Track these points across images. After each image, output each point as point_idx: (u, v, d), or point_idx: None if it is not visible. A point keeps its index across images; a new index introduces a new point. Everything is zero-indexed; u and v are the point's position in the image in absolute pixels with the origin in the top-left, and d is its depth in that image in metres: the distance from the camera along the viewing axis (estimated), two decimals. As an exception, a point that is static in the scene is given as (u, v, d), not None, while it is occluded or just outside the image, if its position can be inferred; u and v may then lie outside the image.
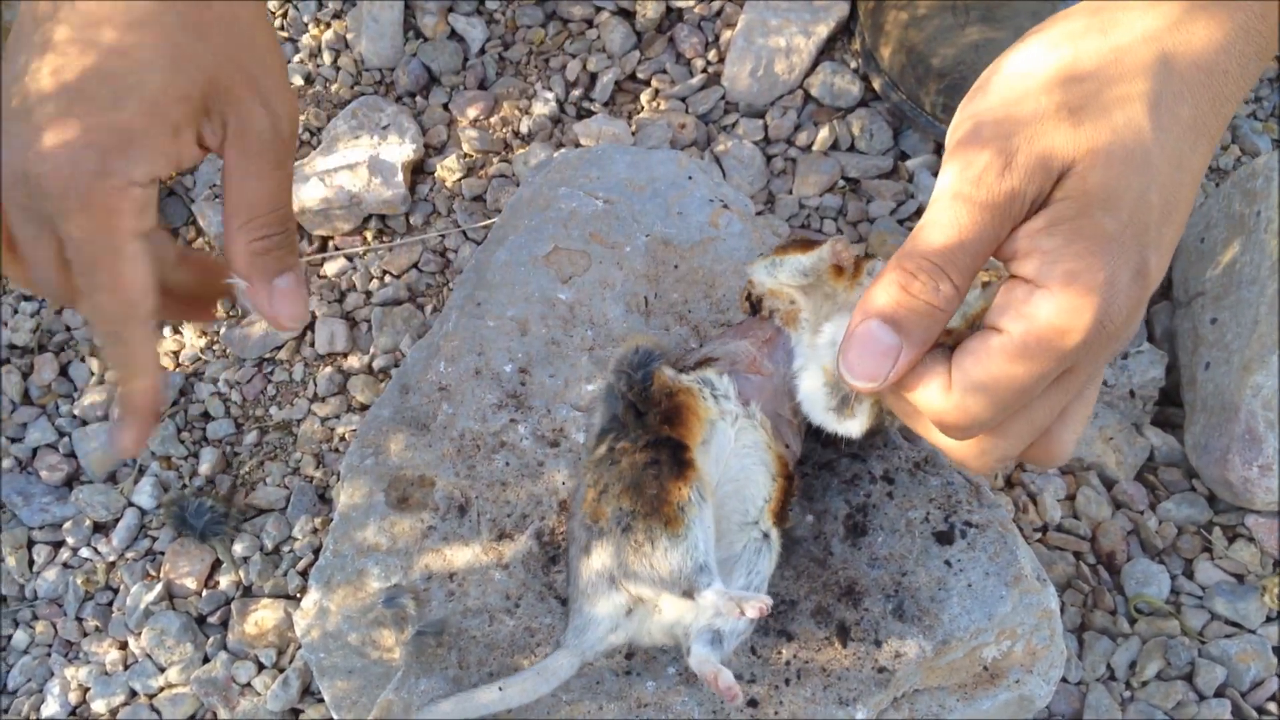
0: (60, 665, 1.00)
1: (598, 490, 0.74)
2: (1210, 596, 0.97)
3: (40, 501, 1.05)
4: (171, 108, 0.66)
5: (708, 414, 0.77)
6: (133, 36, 0.65)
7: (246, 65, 0.69)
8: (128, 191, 0.65)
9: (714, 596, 0.70)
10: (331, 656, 0.87)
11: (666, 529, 0.71)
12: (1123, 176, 0.59)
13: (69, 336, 1.13)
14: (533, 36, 1.24)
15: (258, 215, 0.70)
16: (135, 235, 0.66)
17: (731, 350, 0.80)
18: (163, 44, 0.66)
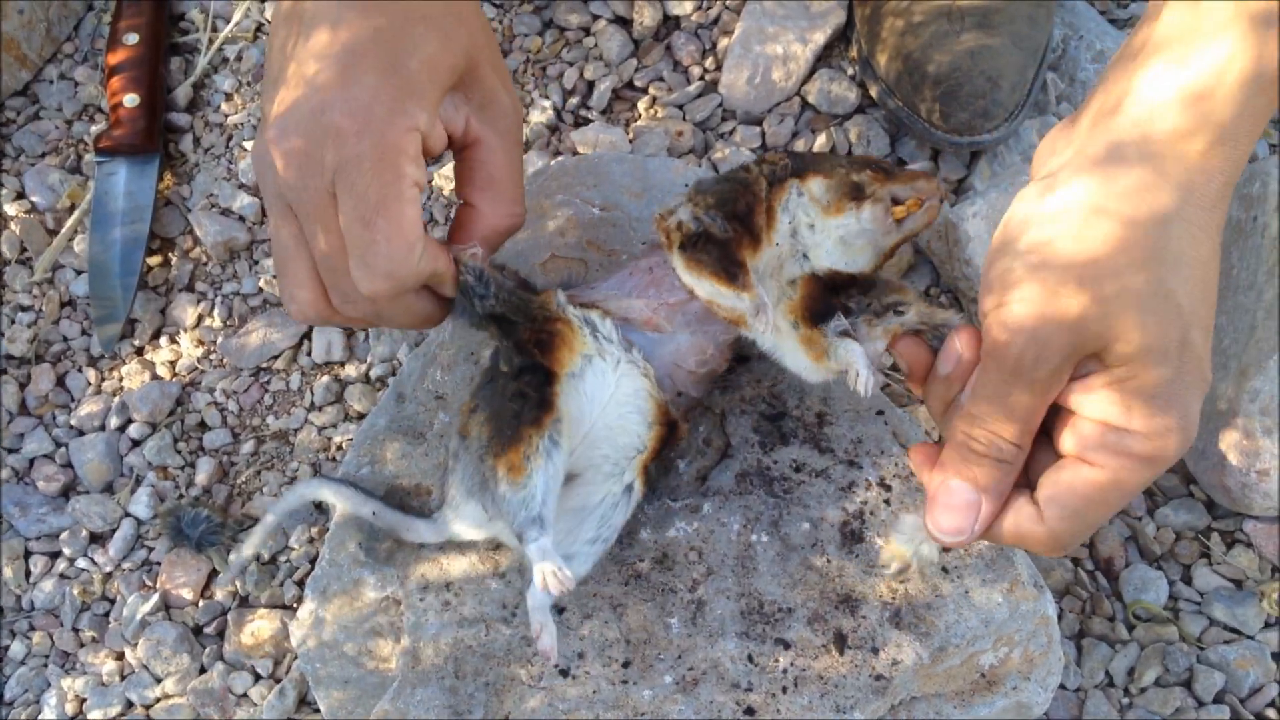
0: (57, 676, 1.00)
1: (472, 403, 0.79)
2: (1208, 602, 0.97)
3: (37, 512, 1.05)
4: (443, 72, 0.73)
5: (582, 348, 0.79)
6: (406, 19, 0.73)
7: (491, 54, 0.78)
8: (413, 135, 0.72)
9: (533, 553, 0.74)
10: (327, 666, 0.87)
11: (509, 474, 0.74)
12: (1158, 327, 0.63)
13: (66, 347, 1.13)
14: (530, 45, 1.25)
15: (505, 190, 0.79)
16: (414, 183, 0.72)
17: (626, 307, 0.81)
18: (433, 26, 0.73)
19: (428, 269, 0.74)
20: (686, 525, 0.85)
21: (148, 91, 1.19)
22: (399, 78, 0.71)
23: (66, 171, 1.21)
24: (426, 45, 0.73)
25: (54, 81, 1.26)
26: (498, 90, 0.78)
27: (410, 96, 0.71)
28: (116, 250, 1.13)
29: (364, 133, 0.70)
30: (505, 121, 0.78)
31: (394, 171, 0.70)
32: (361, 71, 0.71)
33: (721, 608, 0.82)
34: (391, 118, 0.70)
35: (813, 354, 0.80)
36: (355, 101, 0.70)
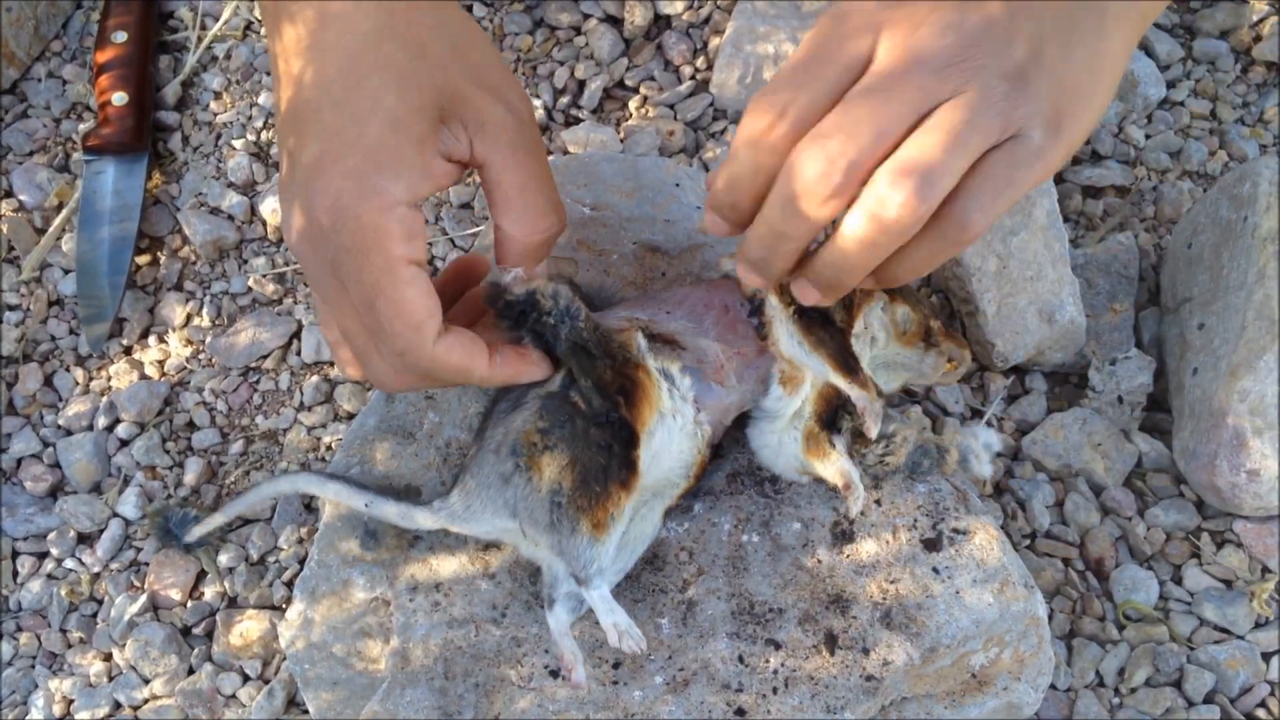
0: (44, 677, 0.99)
1: (543, 438, 0.75)
2: (1199, 602, 0.97)
3: (24, 512, 1.05)
4: (411, 122, 0.69)
5: (660, 405, 0.77)
6: (359, 72, 0.69)
7: (469, 66, 0.73)
8: (393, 211, 0.68)
9: (598, 602, 0.76)
10: (316, 668, 0.87)
11: (593, 530, 0.74)
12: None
13: (54, 346, 1.13)
14: (520, 44, 1.24)
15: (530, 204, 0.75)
16: (408, 261, 0.69)
17: (703, 349, 0.80)
18: (387, 71, 0.69)
19: (447, 359, 0.71)
20: (677, 525, 0.85)
21: (136, 90, 1.18)
22: (361, 152, 0.68)
23: (54, 170, 1.20)
24: (384, 99, 0.69)
25: (42, 79, 1.25)
26: (487, 107, 0.73)
27: (378, 170, 0.68)
28: (105, 249, 1.13)
29: (339, 226, 0.68)
30: (506, 135, 0.74)
31: (381, 257, 0.68)
32: (326, 155, 0.68)
33: (712, 608, 0.82)
34: (362, 202, 0.68)
35: (809, 451, 0.83)
36: (325, 194, 0.68)
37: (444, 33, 0.73)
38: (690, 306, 0.81)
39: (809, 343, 0.79)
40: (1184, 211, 1.13)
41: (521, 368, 0.76)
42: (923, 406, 1.04)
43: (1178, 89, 1.21)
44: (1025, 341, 1.03)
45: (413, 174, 0.69)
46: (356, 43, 0.70)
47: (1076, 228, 1.14)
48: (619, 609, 0.77)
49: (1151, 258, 1.12)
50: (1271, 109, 1.20)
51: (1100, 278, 1.10)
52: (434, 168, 0.71)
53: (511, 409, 0.77)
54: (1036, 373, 1.07)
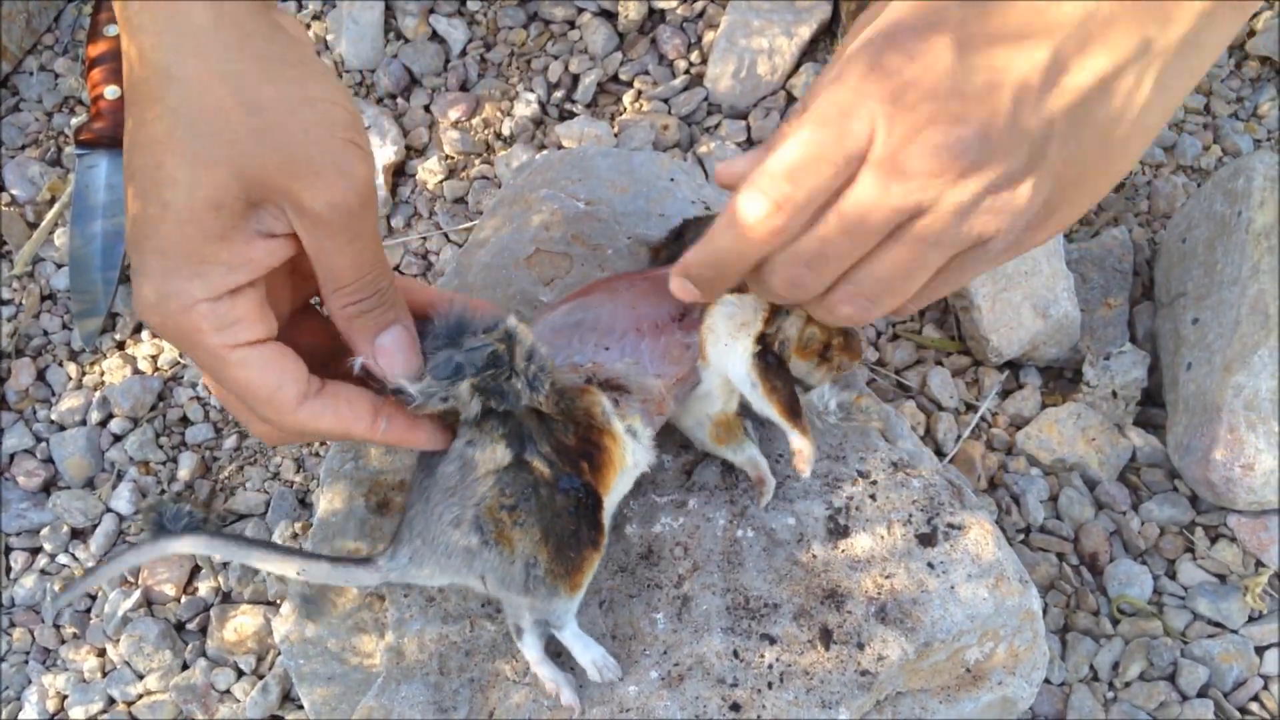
0: (38, 673, 0.99)
1: (510, 515, 0.72)
2: (1193, 597, 0.97)
3: (17, 507, 1.04)
4: (205, 218, 0.63)
5: (624, 465, 0.76)
6: (155, 160, 0.63)
7: (283, 145, 0.64)
8: (194, 309, 0.65)
9: (571, 640, 0.78)
10: (311, 663, 0.86)
11: (570, 591, 0.75)
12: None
13: (47, 341, 1.12)
14: (514, 38, 1.24)
15: (343, 285, 0.69)
16: (231, 347, 0.66)
17: (646, 388, 0.78)
18: (180, 158, 0.63)
19: (315, 425, 0.69)
20: (672, 520, 0.85)
21: (129, 84, 1.18)
22: (155, 254, 0.64)
23: (47, 164, 1.20)
24: (176, 194, 0.63)
25: (34, 73, 1.25)
26: (299, 190, 0.64)
27: (174, 273, 0.64)
28: (97, 244, 1.12)
29: (161, 327, 0.66)
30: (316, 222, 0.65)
31: (202, 351, 0.66)
32: (133, 250, 0.65)
33: (707, 603, 0.82)
34: (164, 304, 0.64)
35: (719, 438, 0.83)
36: (137, 295, 0.66)
37: (249, 109, 0.63)
38: (624, 334, 0.78)
39: (764, 388, 0.78)
40: (1178, 206, 1.13)
41: (410, 436, 0.72)
42: (916, 401, 1.04)
43: (1172, 84, 1.21)
44: (1020, 336, 1.03)
45: (213, 271, 0.64)
46: (158, 116, 0.63)
47: (1071, 222, 1.14)
48: (591, 642, 0.78)
49: (1146, 252, 1.12)
50: (1265, 104, 1.20)
51: (1094, 272, 1.10)
52: (247, 254, 0.65)
53: (459, 476, 0.73)
54: (1031, 367, 1.07)
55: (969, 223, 0.62)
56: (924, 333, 1.08)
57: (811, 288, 0.67)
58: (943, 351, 1.07)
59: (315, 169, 0.64)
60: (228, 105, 0.63)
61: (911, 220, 0.63)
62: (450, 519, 0.73)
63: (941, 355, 1.07)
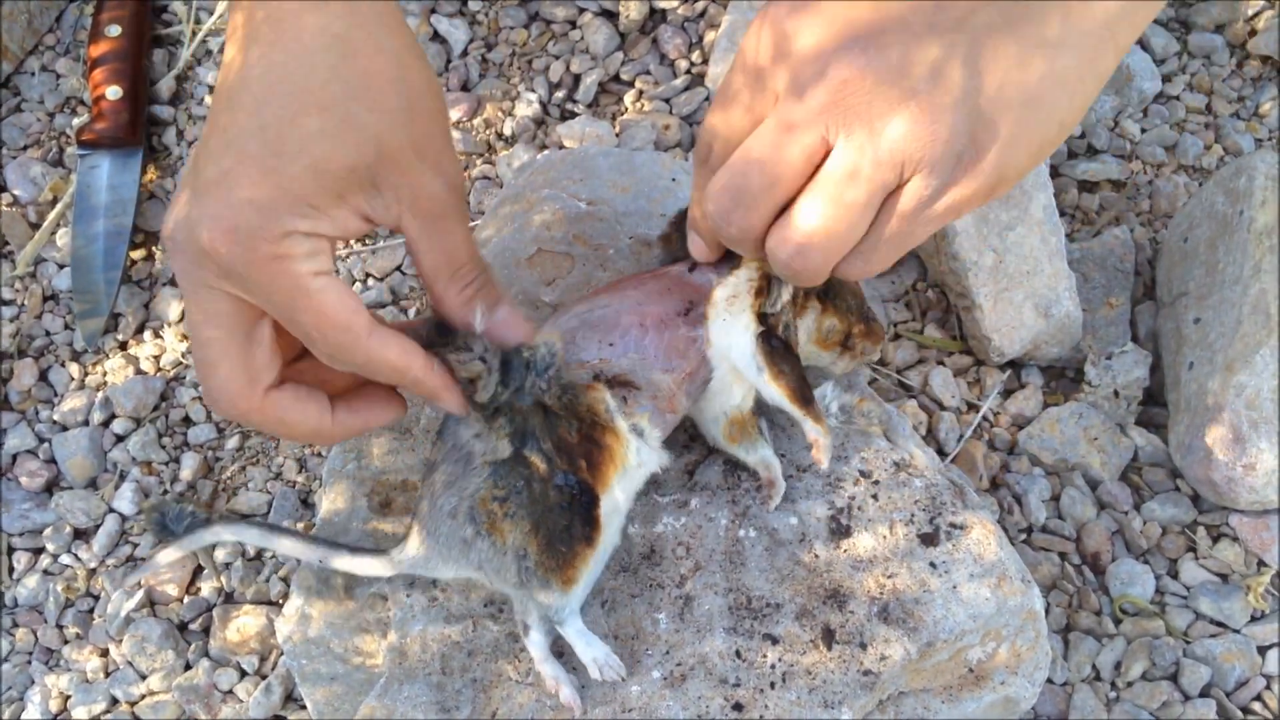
0: (41, 673, 0.99)
1: (500, 506, 0.74)
2: (1195, 596, 0.97)
3: (20, 508, 1.05)
4: (338, 176, 0.66)
5: (626, 463, 0.76)
6: (299, 108, 0.65)
7: (415, 131, 0.68)
8: (290, 238, 0.66)
9: (574, 636, 0.78)
10: (314, 663, 0.86)
11: (563, 586, 0.75)
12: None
13: (49, 341, 1.12)
14: (516, 38, 1.24)
15: (460, 265, 0.72)
16: (314, 274, 0.67)
17: (655, 384, 0.77)
18: (330, 115, 0.65)
19: (383, 354, 0.70)
20: (674, 520, 0.85)
21: (130, 84, 1.18)
22: (274, 188, 0.65)
23: (49, 164, 1.20)
24: (317, 146, 0.65)
25: (35, 74, 1.25)
26: (422, 173, 0.69)
27: (288, 208, 0.65)
28: (99, 244, 1.13)
29: (239, 246, 0.65)
30: (435, 205, 0.70)
31: (285, 278, 0.66)
32: (237, 176, 0.65)
33: (709, 603, 0.82)
34: (263, 229, 0.65)
35: (732, 437, 0.83)
36: (223, 216, 0.65)
37: (401, 88, 0.68)
38: (627, 330, 0.78)
39: (770, 372, 0.78)
40: (1180, 206, 1.13)
41: (447, 387, 0.74)
42: (918, 400, 1.04)
43: (1173, 83, 1.21)
44: (1021, 336, 1.03)
45: (320, 218, 0.67)
46: (305, 71, 0.66)
47: (1072, 222, 1.14)
48: (595, 640, 0.78)
49: (1147, 252, 1.12)
50: (1267, 103, 1.20)
51: (1096, 272, 1.10)
52: (346, 222, 0.68)
53: (460, 469, 0.75)
54: (1032, 367, 1.07)
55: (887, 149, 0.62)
56: (925, 332, 1.08)
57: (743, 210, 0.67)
58: (944, 351, 1.07)
59: (436, 154, 0.69)
60: (386, 81, 0.67)
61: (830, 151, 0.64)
62: (449, 509, 0.75)
63: (943, 355, 1.07)
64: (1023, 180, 1.01)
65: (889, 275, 1.10)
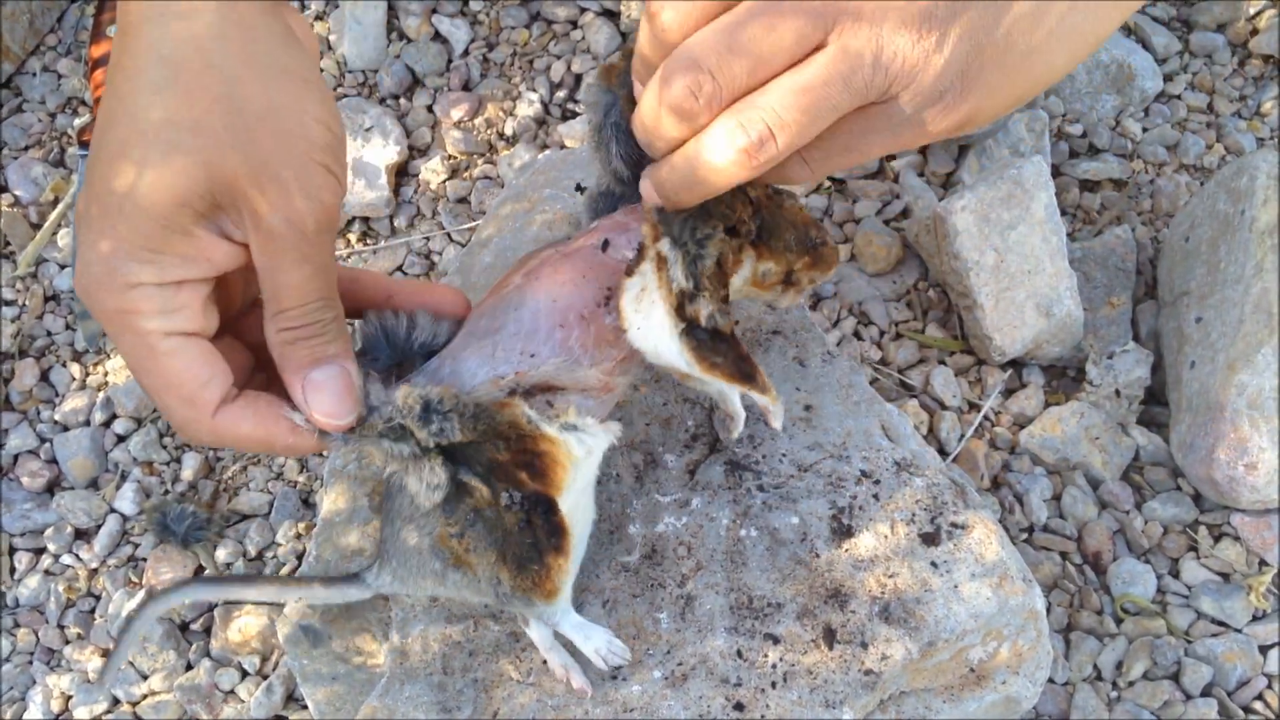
0: (42, 673, 0.99)
1: (459, 542, 0.71)
2: (1196, 596, 0.97)
3: (21, 508, 1.05)
4: (171, 212, 0.61)
5: (573, 459, 0.73)
6: (129, 136, 0.62)
7: (258, 156, 0.62)
8: (137, 290, 0.62)
9: (574, 631, 0.77)
10: (315, 663, 0.86)
11: (546, 599, 0.74)
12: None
13: (50, 342, 1.12)
14: (517, 38, 1.24)
15: (283, 309, 0.65)
16: (165, 334, 0.63)
17: (580, 379, 0.73)
18: (153, 144, 0.61)
19: (234, 431, 0.65)
20: (675, 520, 0.85)
21: (132, 84, 1.18)
22: (112, 236, 0.62)
23: (50, 165, 1.20)
24: (143, 181, 0.61)
25: (37, 74, 1.25)
26: (260, 202, 0.62)
27: (128, 256, 0.62)
28: (101, 244, 1.12)
29: (91, 302, 0.63)
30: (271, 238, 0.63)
31: (131, 335, 0.63)
32: (87, 225, 0.63)
33: (711, 602, 0.82)
34: (107, 282, 0.62)
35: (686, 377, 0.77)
36: (79, 270, 0.63)
37: (232, 106, 0.61)
38: (549, 332, 0.73)
39: (702, 366, 0.72)
40: (1181, 205, 1.13)
41: (320, 445, 0.69)
42: (919, 400, 1.04)
43: (1175, 82, 1.21)
44: (1023, 335, 1.03)
45: (167, 261, 0.62)
46: (133, 97, 0.62)
47: (1074, 221, 1.14)
48: (594, 629, 0.78)
49: (1149, 251, 1.12)
50: (1269, 102, 1.20)
51: (1097, 271, 1.10)
52: (206, 253, 0.63)
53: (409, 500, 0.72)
54: (1034, 366, 1.07)
55: (885, 66, 0.59)
56: (927, 332, 1.08)
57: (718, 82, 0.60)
58: (946, 351, 1.07)
59: (280, 182, 0.62)
60: (212, 100, 0.61)
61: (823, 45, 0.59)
62: (413, 544, 0.73)
63: (944, 354, 1.07)
64: (1024, 179, 1.01)
65: (890, 275, 1.10)
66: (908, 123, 0.61)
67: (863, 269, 1.10)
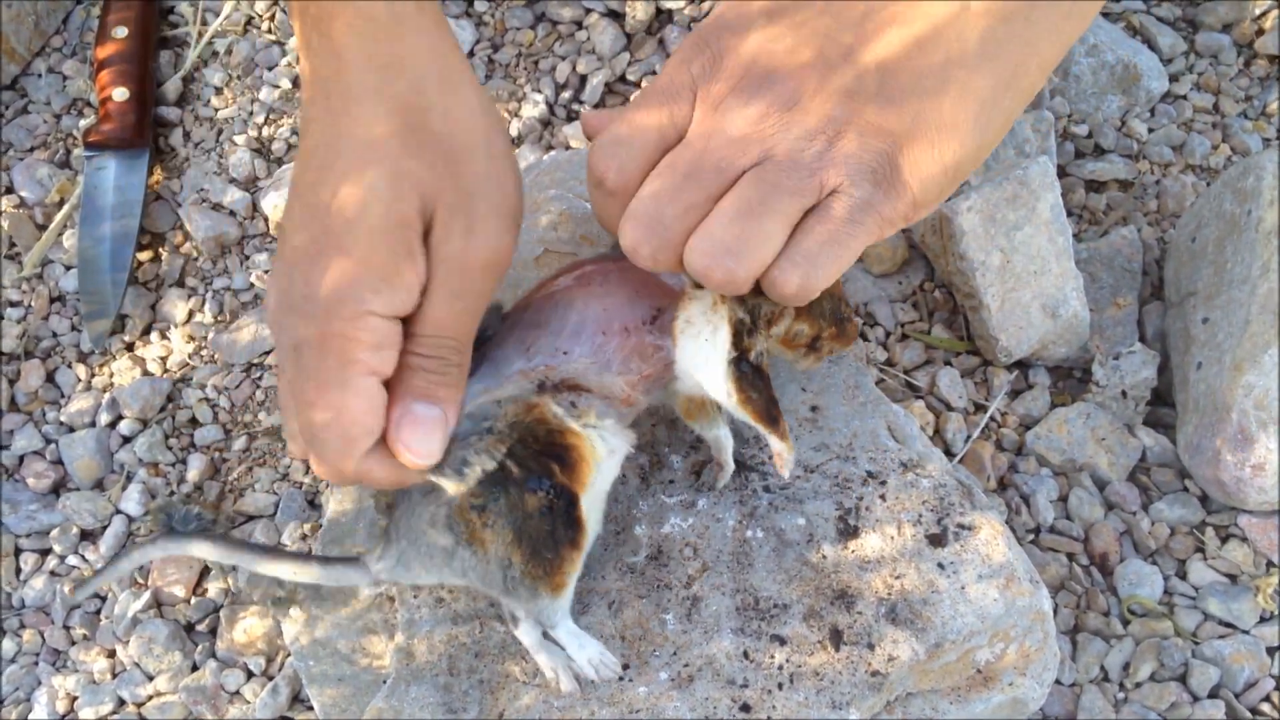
0: (48, 674, 0.99)
1: (479, 515, 0.73)
2: (1203, 597, 0.97)
3: (27, 509, 1.05)
4: (397, 235, 0.65)
5: (597, 458, 0.75)
6: (358, 162, 0.65)
7: (458, 185, 0.67)
8: (364, 320, 0.65)
9: (566, 637, 0.78)
10: (321, 664, 0.86)
11: (553, 592, 0.75)
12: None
13: (56, 343, 1.12)
14: (522, 38, 1.24)
15: (420, 334, 0.68)
16: (368, 370, 0.66)
17: (607, 386, 0.76)
18: (384, 170, 0.65)
19: (370, 474, 0.69)
20: (681, 521, 0.85)
21: (137, 85, 1.18)
22: (345, 257, 0.65)
23: (55, 166, 1.20)
24: (375, 205, 0.65)
25: (42, 75, 1.25)
26: (446, 226, 0.67)
27: (360, 280, 0.65)
28: (106, 245, 1.13)
29: (310, 322, 0.66)
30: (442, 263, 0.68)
31: (337, 360, 0.65)
32: (313, 246, 0.66)
33: (717, 604, 0.82)
34: (336, 308, 0.65)
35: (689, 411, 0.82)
36: (303, 287, 0.66)
37: (449, 141, 0.67)
38: (589, 337, 0.76)
39: (739, 398, 0.76)
40: (1187, 205, 1.13)
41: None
42: (925, 401, 1.04)
43: (1180, 82, 1.21)
44: (1029, 336, 1.02)
45: (396, 291, 0.66)
46: (362, 124, 0.66)
47: (1080, 222, 1.14)
48: (587, 640, 0.78)
49: (1155, 252, 1.12)
50: (1274, 102, 1.20)
51: (1104, 272, 1.10)
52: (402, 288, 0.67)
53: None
54: (1040, 367, 1.07)
55: (807, 167, 0.63)
56: (932, 333, 1.07)
57: (664, 236, 0.66)
58: (951, 351, 1.07)
59: (472, 216, 0.67)
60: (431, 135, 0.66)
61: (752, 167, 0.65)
62: (427, 518, 0.74)
63: (950, 355, 1.07)
64: (1030, 180, 1.01)
65: (896, 276, 1.10)
66: (858, 214, 0.65)
67: (868, 270, 1.10)
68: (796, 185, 0.64)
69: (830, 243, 0.65)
